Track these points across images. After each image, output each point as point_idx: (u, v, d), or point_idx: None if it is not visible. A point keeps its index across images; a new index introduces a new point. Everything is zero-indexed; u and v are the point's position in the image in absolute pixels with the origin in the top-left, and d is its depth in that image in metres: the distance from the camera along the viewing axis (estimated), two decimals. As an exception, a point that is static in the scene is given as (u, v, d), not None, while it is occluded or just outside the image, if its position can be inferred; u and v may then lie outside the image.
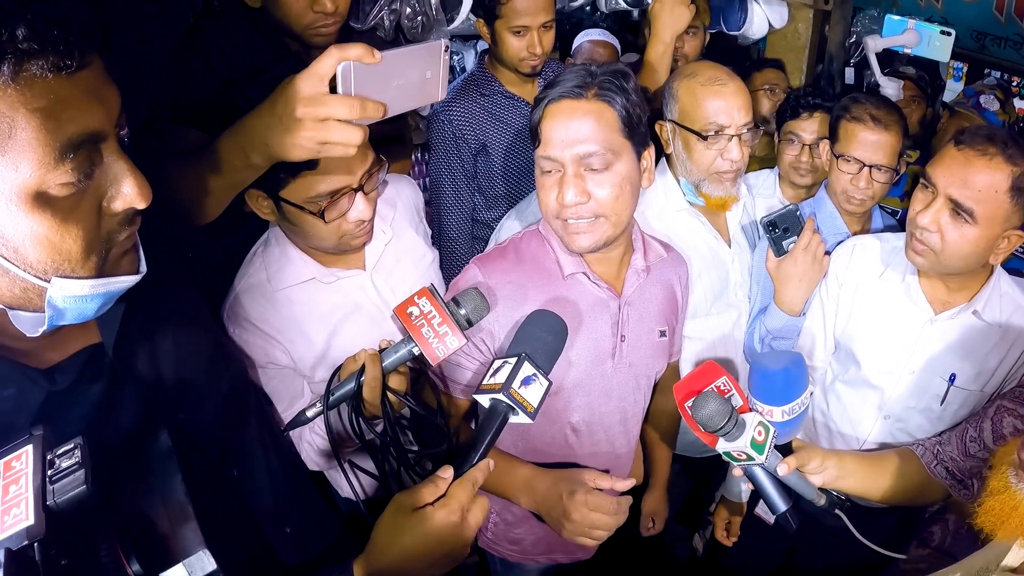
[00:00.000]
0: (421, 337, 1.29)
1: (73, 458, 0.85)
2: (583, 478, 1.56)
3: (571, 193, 1.48)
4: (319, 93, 1.17)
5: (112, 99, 0.90)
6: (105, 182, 0.92)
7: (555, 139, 1.49)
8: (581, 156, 1.48)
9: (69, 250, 0.88)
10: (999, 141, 1.67)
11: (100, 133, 0.88)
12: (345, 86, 1.16)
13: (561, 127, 1.48)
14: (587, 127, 1.47)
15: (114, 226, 0.94)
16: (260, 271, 1.63)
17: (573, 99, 1.49)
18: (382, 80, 1.20)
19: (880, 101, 2.24)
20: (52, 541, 0.78)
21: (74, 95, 0.84)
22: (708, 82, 1.95)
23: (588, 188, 1.49)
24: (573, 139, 1.47)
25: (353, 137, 1.20)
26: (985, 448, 1.57)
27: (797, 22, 3.42)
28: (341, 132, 1.19)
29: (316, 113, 1.17)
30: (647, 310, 1.74)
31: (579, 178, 1.49)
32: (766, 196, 2.54)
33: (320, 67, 1.16)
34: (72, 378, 1.06)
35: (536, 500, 1.61)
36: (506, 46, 2.45)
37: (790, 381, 1.54)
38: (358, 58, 1.14)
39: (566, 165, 1.49)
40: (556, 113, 1.49)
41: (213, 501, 1.15)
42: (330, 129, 1.19)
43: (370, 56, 1.15)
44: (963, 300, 1.86)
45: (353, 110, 1.17)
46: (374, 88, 1.19)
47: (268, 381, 1.62)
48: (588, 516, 1.52)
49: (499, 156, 2.59)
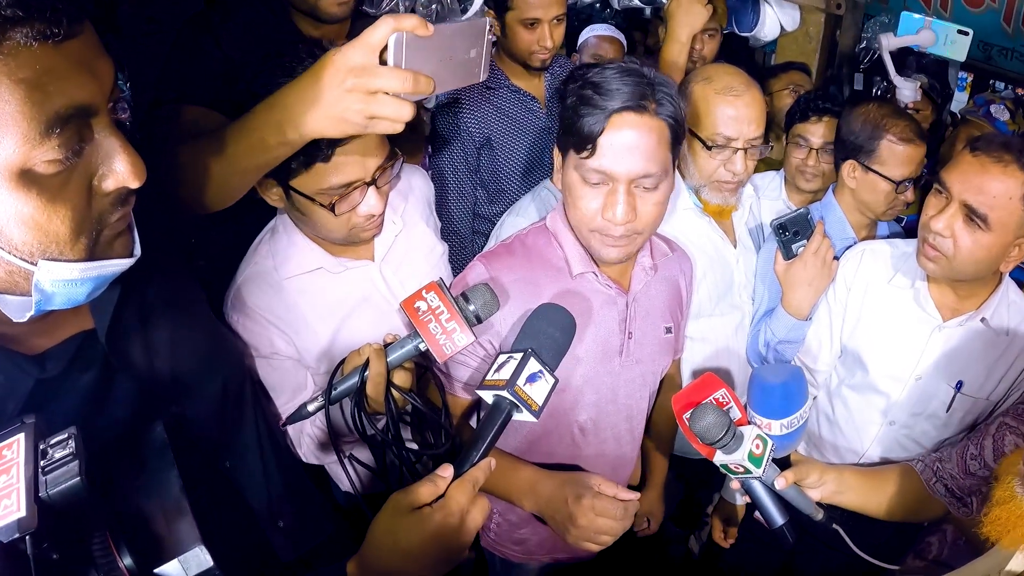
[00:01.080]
0: (428, 333, 1.25)
1: (67, 448, 0.82)
2: (589, 482, 1.53)
3: (622, 211, 1.44)
4: (371, 63, 1.12)
5: (105, 72, 0.86)
6: (96, 159, 0.87)
7: (615, 155, 1.43)
8: (639, 175, 1.44)
9: (57, 231, 0.84)
10: (1015, 149, 1.67)
11: (90, 107, 0.84)
12: (397, 58, 1.12)
13: (624, 143, 1.42)
14: (650, 147, 1.43)
15: (106, 206, 0.90)
16: (267, 259, 1.60)
17: (637, 113, 1.42)
18: (432, 55, 1.16)
19: (906, 118, 2.23)
20: (44, 534, 0.75)
21: (62, 66, 0.80)
22: (723, 90, 1.90)
23: (637, 205, 1.46)
24: (635, 157, 1.43)
25: (403, 112, 1.15)
26: (986, 466, 1.57)
27: (808, 26, 3.41)
28: (392, 106, 1.14)
29: (368, 84, 1.12)
30: (653, 307, 1.73)
31: (631, 195, 1.45)
32: (772, 199, 2.53)
33: (373, 36, 1.10)
34: (63, 365, 1.03)
35: (540, 503, 1.59)
36: (517, 38, 2.43)
37: (789, 395, 1.52)
38: (412, 29, 1.10)
39: (620, 181, 1.45)
40: (619, 126, 1.42)
41: (207, 493, 1.13)
42: (381, 103, 1.13)
43: (424, 28, 1.10)
44: (972, 308, 1.86)
45: (407, 83, 1.12)
46: (424, 62, 1.15)
47: (271, 372, 1.59)
48: (595, 521, 1.49)
49: (503, 150, 2.57)
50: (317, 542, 1.48)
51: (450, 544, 1.06)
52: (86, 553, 0.83)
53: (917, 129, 2.18)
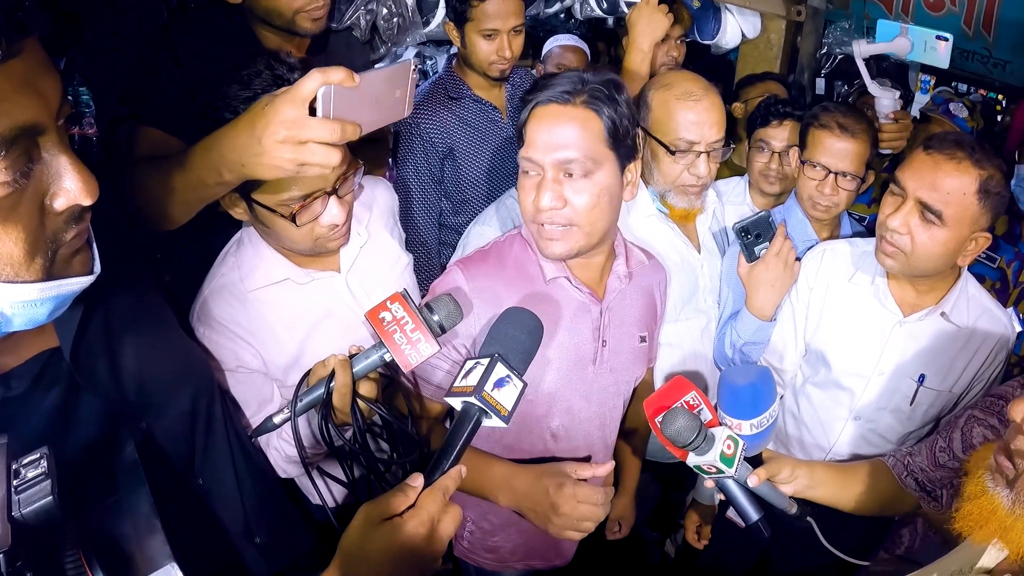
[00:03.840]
0: (393, 343, 1.26)
1: (39, 468, 0.82)
2: (567, 470, 1.55)
3: (547, 197, 1.48)
4: (301, 115, 1.18)
5: (50, 89, 0.84)
6: (46, 178, 0.85)
7: (538, 142, 1.49)
8: (561, 162, 1.48)
9: (10, 254, 0.82)
10: (967, 146, 1.71)
11: (36, 126, 0.82)
12: (325, 109, 1.19)
13: (544, 131, 1.49)
14: (570, 133, 1.47)
15: (59, 225, 0.87)
16: (232, 271, 1.60)
17: (560, 104, 1.49)
18: (358, 101, 1.23)
19: (848, 110, 2.27)
20: (18, 553, 0.75)
21: (3, 87, 0.77)
22: (682, 96, 1.93)
23: (565, 194, 1.49)
24: (555, 144, 1.48)
25: (332, 158, 1.22)
26: (955, 458, 1.59)
27: (769, 32, 3.45)
28: (321, 154, 1.22)
29: (299, 135, 1.19)
30: (628, 316, 1.74)
31: (557, 183, 1.49)
32: (736, 203, 2.55)
33: (302, 90, 1.17)
34: (28, 384, 1.02)
35: (517, 497, 1.59)
36: (475, 49, 2.46)
37: (757, 395, 1.55)
38: (339, 82, 1.17)
39: (546, 169, 1.49)
40: (542, 116, 1.50)
41: (179, 512, 1.12)
42: (311, 151, 1.21)
43: (351, 80, 1.18)
44: (931, 302, 1.90)
45: (335, 133, 1.20)
46: (351, 109, 1.22)
47: (236, 385, 1.59)
48: (577, 508, 1.51)
49: (466, 160, 2.58)
50: (293, 557, 1.47)
51: (422, 553, 1.06)
52: (59, 571, 0.83)
53: (849, 122, 2.19)
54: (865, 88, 2.68)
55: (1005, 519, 1.13)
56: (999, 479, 1.15)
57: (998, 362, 1.94)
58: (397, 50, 2.72)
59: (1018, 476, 1.12)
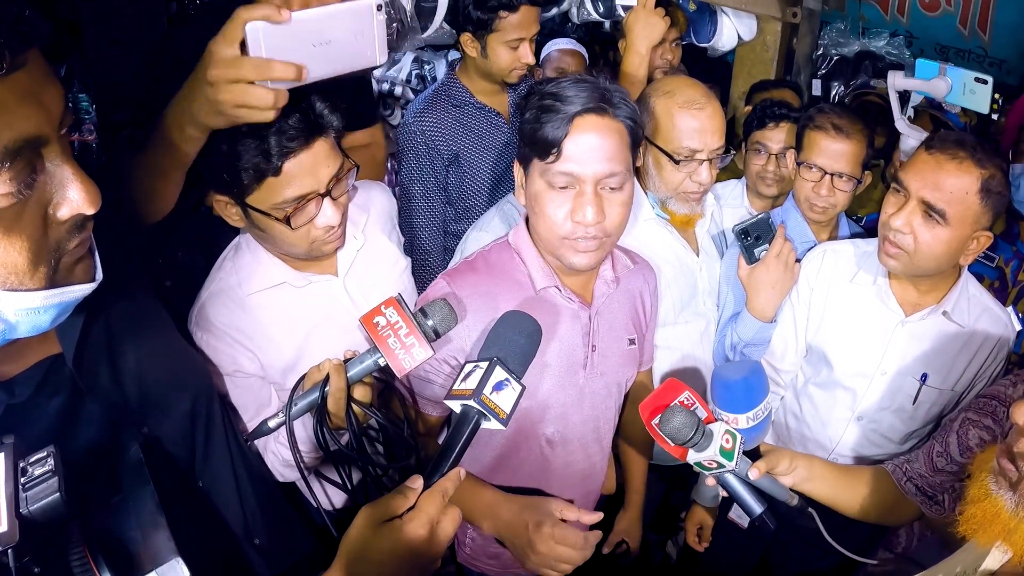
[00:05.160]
0: (387, 348, 1.26)
1: (46, 466, 0.84)
2: (550, 508, 1.53)
3: (591, 212, 1.45)
4: (230, 55, 1.16)
5: (53, 100, 0.85)
6: (50, 189, 0.86)
7: (580, 155, 1.44)
8: (605, 175, 1.45)
9: (15, 263, 0.83)
10: (968, 146, 1.73)
11: (40, 138, 0.83)
12: (255, 48, 1.16)
13: (588, 144, 1.44)
14: (613, 146, 1.45)
15: (62, 234, 0.89)
16: (230, 275, 1.60)
17: (598, 115, 1.45)
18: (299, 42, 1.19)
19: (844, 111, 2.28)
20: (25, 548, 0.77)
21: (8, 99, 0.78)
22: (686, 104, 1.92)
23: (604, 207, 1.47)
24: (600, 157, 1.44)
25: (265, 99, 1.19)
26: (953, 462, 1.59)
27: (765, 35, 3.47)
28: (254, 95, 1.19)
29: (227, 75, 1.17)
30: (616, 319, 1.74)
31: (598, 197, 1.46)
32: (734, 206, 2.56)
33: (228, 28, 1.15)
34: (31, 390, 1.03)
35: (498, 527, 1.58)
36: (497, 58, 2.47)
37: (750, 388, 1.56)
38: (265, 18, 1.14)
39: (586, 183, 1.46)
40: (583, 128, 1.44)
41: (182, 510, 1.13)
42: (245, 92, 1.18)
43: (277, 15, 1.14)
44: (933, 302, 1.90)
45: (261, 71, 1.17)
46: (290, 50, 1.18)
47: (234, 389, 1.59)
48: (554, 549, 1.49)
49: (470, 167, 2.58)
50: (293, 560, 1.47)
51: (422, 554, 1.06)
52: (65, 566, 0.84)
53: (844, 123, 2.20)
54: (862, 90, 2.69)
55: (1009, 522, 1.14)
56: (1002, 482, 1.16)
57: (999, 360, 1.95)
58: (395, 56, 2.73)
59: (1021, 479, 1.13)
